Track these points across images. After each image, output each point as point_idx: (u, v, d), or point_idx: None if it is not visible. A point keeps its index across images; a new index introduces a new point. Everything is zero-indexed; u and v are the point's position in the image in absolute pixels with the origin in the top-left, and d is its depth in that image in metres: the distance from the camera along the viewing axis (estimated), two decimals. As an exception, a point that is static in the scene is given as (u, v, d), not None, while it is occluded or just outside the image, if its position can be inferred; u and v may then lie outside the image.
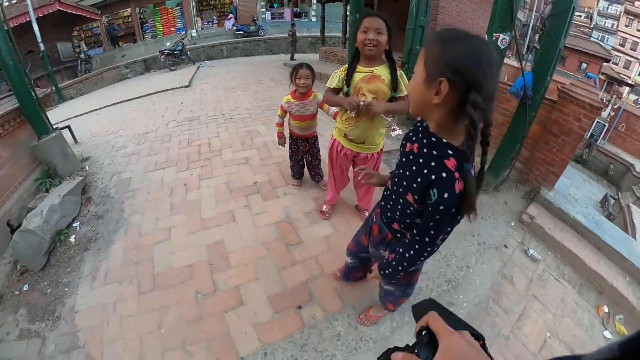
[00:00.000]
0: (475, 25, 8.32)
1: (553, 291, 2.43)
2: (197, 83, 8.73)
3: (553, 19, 2.96)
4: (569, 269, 2.73)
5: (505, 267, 2.50)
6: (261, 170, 3.37)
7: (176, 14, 18.85)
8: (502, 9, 2.79)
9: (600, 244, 2.93)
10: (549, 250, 2.87)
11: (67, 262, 2.39)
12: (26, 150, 3.39)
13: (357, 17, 4.65)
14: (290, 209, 2.74)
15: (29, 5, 9.48)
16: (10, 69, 3.16)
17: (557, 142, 3.40)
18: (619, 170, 12.04)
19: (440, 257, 2.38)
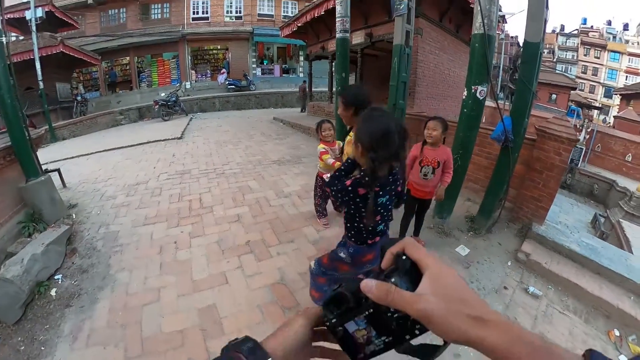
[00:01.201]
0: (452, 74, 9.14)
1: (560, 325, 2.43)
2: (190, 135, 8.99)
3: (523, 66, 3.35)
4: (572, 299, 2.76)
5: (508, 309, 2.51)
6: (253, 229, 3.41)
7: (172, 66, 19.96)
8: (478, 63, 3.16)
9: (599, 269, 2.99)
10: (549, 285, 2.91)
11: (45, 318, 2.26)
12: (12, 191, 3.30)
13: (343, 76, 5.20)
14: (285, 269, 2.74)
15: (34, 44, 9.86)
16: (8, 107, 3.21)
17: (542, 178, 3.62)
18: (603, 189, 12.64)
19: None
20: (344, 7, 4.90)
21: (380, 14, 7.34)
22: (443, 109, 9.03)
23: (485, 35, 3.04)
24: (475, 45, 3.18)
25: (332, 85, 11.55)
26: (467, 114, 3.36)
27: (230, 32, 19.49)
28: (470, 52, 3.28)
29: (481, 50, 3.12)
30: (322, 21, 9.28)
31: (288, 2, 21.05)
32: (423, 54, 7.32)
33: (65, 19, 13.71)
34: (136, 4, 18.65)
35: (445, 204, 3.69)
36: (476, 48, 3.18)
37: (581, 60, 37.74)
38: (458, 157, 3.48)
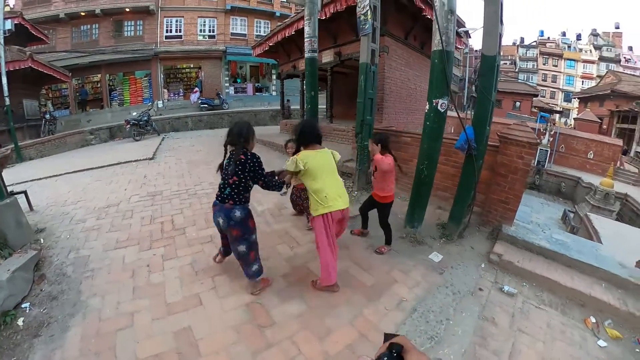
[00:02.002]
0: (418, 89, 9.48)
1: (537, 319, 2.52)
2: (161, 156, 8.83)
3: (482, 78, 3.56)
4: (547, 293, 2.88)
5: (485, 310, 2.59)
6: (227, 249, 3.41)
7: (144, 84, 19.73)
8: (438, 78, 3.36)
9: (570, 262, 3.17)
10: (523, 282, 3.04)
11: (12, 350, 2.15)
12: None
13: (312, 94, 5.36)
14: None
15: (1, 58, 9.44)
16: None
17: (507, 181, 3.80)
18: (569, 186, 13.59)
19: (418, 315, 2.46)
20: (312, 28, 5.12)
21: (348, 33, 7.63)
22: (411, 122, 9.40)
23: (444, 51, 3.24)
24: (435, 61, 3.37)
25: (304, 103, 11.80)
26: (430, 126, 3.52)
27: (204, 50, 19.61)
28: (431, 67, 3.46)
29: (440, 66, 3.31)
30: (292, 41, 9.51)
31: (260, 22, 21.50)
32: (390, 71, 7.64)
33: (35, 33, 13.23)
34: (109, 20, 18.42)
35: (416, 213, 3.83)
36: (435, 64, 3.37)
37: (541, 69, 41.18)
38: (424, 167, 3.65)
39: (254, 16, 21.06)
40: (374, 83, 5.16)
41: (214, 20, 20.04)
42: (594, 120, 21.34)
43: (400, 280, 2.91)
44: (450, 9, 3.22)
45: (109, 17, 18.33)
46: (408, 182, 5.10)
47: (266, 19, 21.50)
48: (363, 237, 3.77)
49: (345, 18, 7.00)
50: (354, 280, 2.89)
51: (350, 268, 3.08)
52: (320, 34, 5.50)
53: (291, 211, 4.37)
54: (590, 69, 39.48)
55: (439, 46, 3.28)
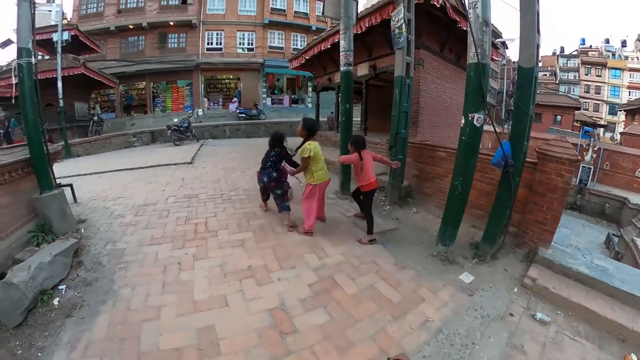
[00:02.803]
0: (453, 102, 9.23)
1: (571, 352, 2.31)
2: (199, 161, 9.17)
3: (519, 90, 3.41)
4: (584, 324, 2.62)
5: (514, 337, 2.41)
6: (256, 254, 3.44)
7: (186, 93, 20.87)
8: (474, 91, 3.23)
9: (611, 291, 2.85)
10: (558, 310, 2.78)
11: (45, 325, 2.31)
12: (26, 201, 3.45)
13: (347, 107, 5.35)
14: (285, 295, 2.75)
15: (58, 65, 10.52)
16: (30, 122, 3.42)
17: (546, 201, 3.54)
18: (614, 207, 12.20)
19: (443, 336, 2.35)
20: (347, 42, 5.16)
21: (383, 46, 7.65)
22: (447, 137, 9.13)
23: (480, 64, 3.14)
24: (470, 74, 3.26)
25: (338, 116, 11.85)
26: (466, 141, 3.40)
27: (242, 63, 20.51)
28: (466, 80, 3.36)
29: (476, 79, 3.21)
30: (328, 54, 9.64)
31: (297, 36, 22.15)
32: (425, 84, 7.54)
33: (88, 43, 14.57)
34: (154, 32, 19.91)
35: (448, 231, 3.68)
36: (471, 77, 3.27)
37: (583, 80, 38.36)
38: (458, 183, 3.50)
39: (290, 30, 21.79)
40: (409, 96, 5.11)
41: (252, 34, 20.97)
42: None
43: (427, 299, 2.79)
44: (484, 20, 3.13)
45: (154, 30, 19.84)
46: (442, 199, 4.90)
47: (302, 33, 22.15)
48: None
49: (380, 31, 7.02)
50: (380, 296, 2.81)
51: (377, 283, 3.01)
52: (356, 47, 5.53)
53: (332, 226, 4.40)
54: (638, 78, 36.18)
55: (474, 59, 3.19)
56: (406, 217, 4.89)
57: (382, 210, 5.06)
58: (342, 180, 5.65)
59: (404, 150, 5.20)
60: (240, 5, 20.74)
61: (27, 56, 3.42)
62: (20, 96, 3.43)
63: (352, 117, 5.68)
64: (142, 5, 19.68)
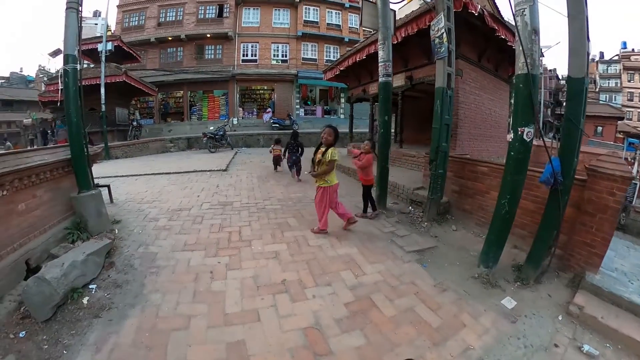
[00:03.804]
0: (493, 114, 8.93)
1: None
2: (234, 168, 9.35)
3: (569, 103, 3.15)
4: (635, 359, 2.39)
5: None
6: (290, 267, 3.32)
7: (221, 102, 21.72)
8: (523, 104, 3.04)
9: None
10: (606, 343, 2.53)
11: (73, 323, 2.30)
12: (65, 199, 3.60)
13: (386, 119, 5.20)
14: (320, 313, 2.60)
15: (102, 72, 11.45)
16: (73, 125, 3.57)
17: (595, 221, 3.24)
18: None
19: None
20: (385, 52, 5.05)
21: (420, 57, 7.50)
22: (486, 150, 8.72)
23: (529, 74, 2.95)
24: (520, 85, 3.08)
25: (372, 127, 11.69)
26: (515, 157, 3.18)
27: (276, 74, 21.08)
28: (515, 92, 3.18)
29: (526, 91, 3.02)
30: (363, 65, 9.61)
31: (330, 47, 22.49)
32: (464, 95, 7.27)
33: (131, 52, 15.63)
34: (192, 44, 21.06)
35: (492, 252, 3.43)
36: (520, 88, 3.08)
37: (625, 87, 35.71)
38: (505, 202, 3.28)
39: (323, 42, 22.18)
40: (450, 108, 4.90)
41: (286, 46, 21.54)
42: None
43: (469, 325, 2.58)
44: (533, 29, 2.94)
45: (192, 42, 20.99)
46: (483, 216, 4.78)
47: (335, 45, 22.45)
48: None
49: (417, 41, 6.90)
50: (419, 320, 2.61)
51: (416, 306, 2.80)
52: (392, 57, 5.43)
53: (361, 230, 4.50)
54: None
55: (523, 69, 2.99)
56: (445, 234, 4.62)
57: (419, 227, 4.82)
58: (379, 194, 5.44)
59: (444, 164, 4.96)
60: (275, 18, 21.46)
61: (72, 62, 3.61)
62: (65, 100, 3.62)
63: (390, 130, 5.54)
64: (181, 18, 20.90)
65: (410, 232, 4.56)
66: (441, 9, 4.52)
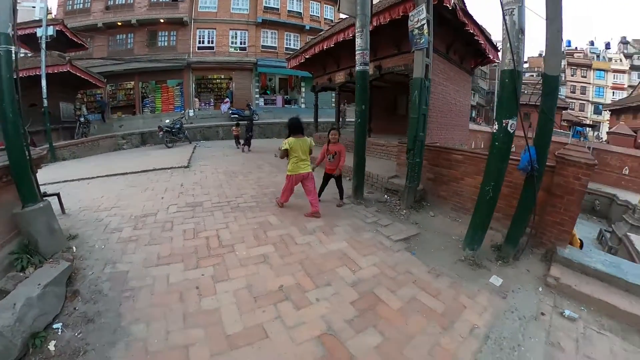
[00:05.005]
0: (457, 103, 9.37)
1: (600, 345, 2.43)
2: (196, 164, 8.79)
3: (545, 98, 3.44)
4: (606, 319, 2.75)
5: (550, 335, 2.49)
6: (284, 271, 3.10)
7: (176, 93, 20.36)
8: (508, 98, 3.26)
9: (627, 286, 3.02)
10: (582, 306, 2.90)
11: None
12: (5, 217, 2.90)
13: (363, 108, 5.13)
14: (330, 317, 2.44)
15: (42, 62, 9.85)
16: (9, 123, 2.85)
17: (563, 203, 3.67)
18: (604, 204, 12.94)
19: (492, 342, 2.34)
20: (364, 40, 4.91)
21: (390, 47, 7.49)
22: (452, 138, 9.10)
23: (515, 71, 3.16)
24: (505, 80, 3.29)
25: (338, 116, 11.61)
26: (499, 147, 3.43)
27: (235, 62, 20.10)
28: (500, 87, 3.42)
29: (511, 86, 3.22)
30: (330, 53, 9.43)
31: (290, 35, 21.94)
32: (433, 86, 7.40)
33: (75, 40, 13.79)
34: (144, 30, 19.27)
35: (477, 235, 3.67)
36: (506, 83, 3.29)
37: (569, 81, 39.53)
38: (489, 188, 3.52)
39: (284, 29, 21.51)
40: (427, 99, 4.93)
41: (245, 33, 20.57)
42: (629, 134, 19.96)
43: (468, 306, 2.74)
44: (520, 28, 3.13)
45: (144, 28, 19.17)
46: (458, 202, 5.09)
47: (296, 32, 21.92)
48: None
49: (388, 32, 6.86)
50: (425, 308, 2.67)
51: (418, 294, 2.85)
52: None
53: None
54: (622, 79, 37.93)
55: (510, 65, 3.19)
56: (425, 221, 4.74)
57: (399, 215, 4.89)
58: (356, 185, 5.42)
59: (421, 153, 5.08)
60: (233, 3, 20.35)
61: (5, 43, 2.85)
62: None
63: (367, 119, 5.46)
64: (132, 1, 18.99)
65: (392, 220, 4.62)
66: (422, 1, 4.47)
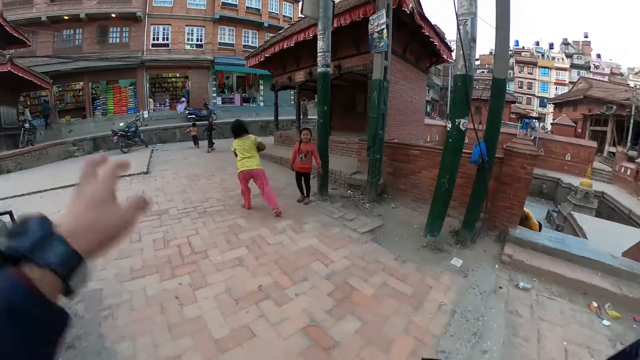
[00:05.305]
0: (413, 101, 9.88)
1: (551, 308, 2.88)
2: (156, 169, 8.47)
3: (493, 99, 3.85)
4: (555, 286, 3.26)
5: (509, 305, 2.89)
6: (260, 271, 3.22)
7: (129, 94, 19.12)
8: (461, 100, 3.60)
9: (571, 257, 3.57)
10: (533, 278, 3.39)
11: None
12: None
13: (325, 109, 5.30)
14: (311, 310, 2.62)
15: None
16: None
17: (512, 189, 4.13)
18: (550, 187, 14.58)
19: (459, 315, 2.68)
20: (325, 43, 5.06)
21: (349, 47, 7.71)
22: (408, 134, 9.59)
23: (467, 75, 3.48)
24: (458, 84, 3.60)
25: (299, 115, 11.71)
26: (452, 143, 3.78)
27: (191, 60, 19.28)
28: (454, 90, 3.75)
29: (463, 89, 3.53)
30: (290, 52, 9.47)
31: (249, 32, 21.44)
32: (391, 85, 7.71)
33: (16, 35, 12.42)
34: (94, 25, 17.69)
35: (436, 223, 4.04)
36: (459, 86, 3.60)
37: (517, 77, 43.43)
38: (445, 180, 3.89)
39: (242, 26, 20.94)
40: (386, 99, 5.21)
41: (202, 29, 19.78)
42: (569, 125, 22.59)
43: (434, 287, 3.07)
44: (473, 37, 3.44)
45: (93, 23, 17.62)
46: (417, 193, 5.50)
47: (254, 29, 21.46)
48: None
49: (348, 32, 7.06)
50: (396, 292, 2.98)
51: (388, 280, 3.16)
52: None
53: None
54: (563, 76, 42.46)
55: (462, 70, 3.51)
56: (387, 212, 5.09)
57: (363, 209, 5.19)
58: (321, 183, 5.63)
59: (381, 150, 5.40)
60: (190, -2, 19.38)
61: None
62: None
63: (329, 119, 5.64)
64: (80, -7, 17.14)
65: (357, 214, 4.91)
66: (382, 6, 4.70)
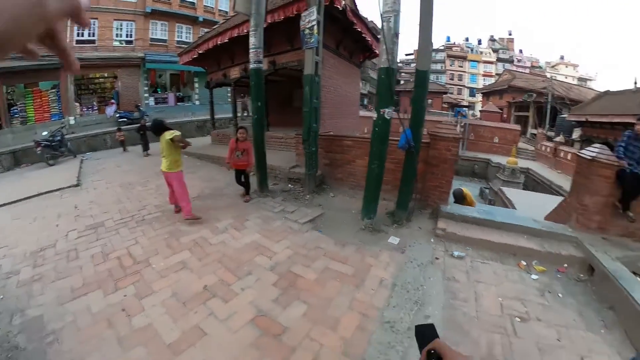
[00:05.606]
0: (347, 94, 10.22)
1: (485, 271, 3.26)
2: (87, 180, 7.87)
3: (417, 89, 4.21)
4: (487, 251, 3.67)
5: (446, 273, 3.22)
6: (205, 272, 3.27)
7: (51, 98, 16.83)
8: (385, 91, 3.90)
9: (498, 225, 4.04)
10: (467, 247, 3.77)
11: None
12: None
13: (259, 105, 5.38)
14: (258, 301, 2.76)
15: None
16: None
17: (440, 170, 4.58)
18: (481, 167, 16.24)
19: (399, 288, 2.94)
20: (257, 39, 5.08)
21: (284, 43, 7.75)
22: (344, 126, 9.93)
23: (390, 68, 3.74)
24: (382, 76, 3.85)
25: (236, 113, 11.52)
26: (379, 132, 4.05)
27: (120, 57, 17.57)
28: (378, 82, 3.97)
29: (387, 81, 3.81)
30: (225, 49, 9.25)
31: (182, 27, 20.18)
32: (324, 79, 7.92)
33: None
34: None
35: (371, 207, 4.32)
36: (382, 79, 3.85)
37: (448, 70, 47.56)
38: (375, 166, 4.16)
39: (175, 20, 19.59)
40: (318, 93, 5.40)
41: (132, 24, 18.09)
42: (496, 111, 25.44)
43: (374, 265, 3.35)
44: (396, 33, 3.69)
45: None
46: (353, 181, 5.79)
47: (189, 24, 20.23)
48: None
49: (282, 28, 7.11)
50: (338, 274, 3.19)
51: (329, 264, 3.38)
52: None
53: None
54: (490, 68, 47.47)
55: (385, 64, 3.74)
56: (326, 202, 5.37)
57: (303, 200, 5.41)
58: (260, 179, 5.73)
59: (316, 143, 5.62)
60: (119, -10, 17.47)
61: None
62: None
63: (264, 115, 5.71)
64: (-9, -18, 14.74)
65: (298, 206, 5.12)
66: (314, 3, 4.81)
